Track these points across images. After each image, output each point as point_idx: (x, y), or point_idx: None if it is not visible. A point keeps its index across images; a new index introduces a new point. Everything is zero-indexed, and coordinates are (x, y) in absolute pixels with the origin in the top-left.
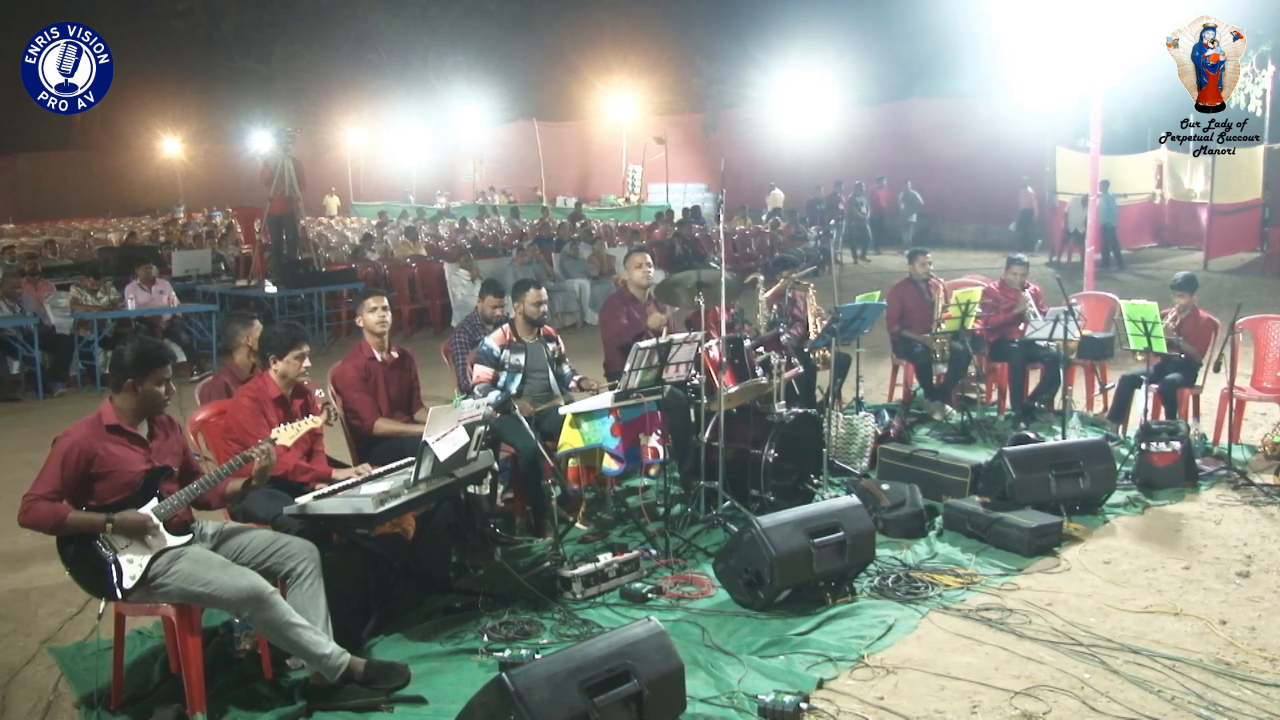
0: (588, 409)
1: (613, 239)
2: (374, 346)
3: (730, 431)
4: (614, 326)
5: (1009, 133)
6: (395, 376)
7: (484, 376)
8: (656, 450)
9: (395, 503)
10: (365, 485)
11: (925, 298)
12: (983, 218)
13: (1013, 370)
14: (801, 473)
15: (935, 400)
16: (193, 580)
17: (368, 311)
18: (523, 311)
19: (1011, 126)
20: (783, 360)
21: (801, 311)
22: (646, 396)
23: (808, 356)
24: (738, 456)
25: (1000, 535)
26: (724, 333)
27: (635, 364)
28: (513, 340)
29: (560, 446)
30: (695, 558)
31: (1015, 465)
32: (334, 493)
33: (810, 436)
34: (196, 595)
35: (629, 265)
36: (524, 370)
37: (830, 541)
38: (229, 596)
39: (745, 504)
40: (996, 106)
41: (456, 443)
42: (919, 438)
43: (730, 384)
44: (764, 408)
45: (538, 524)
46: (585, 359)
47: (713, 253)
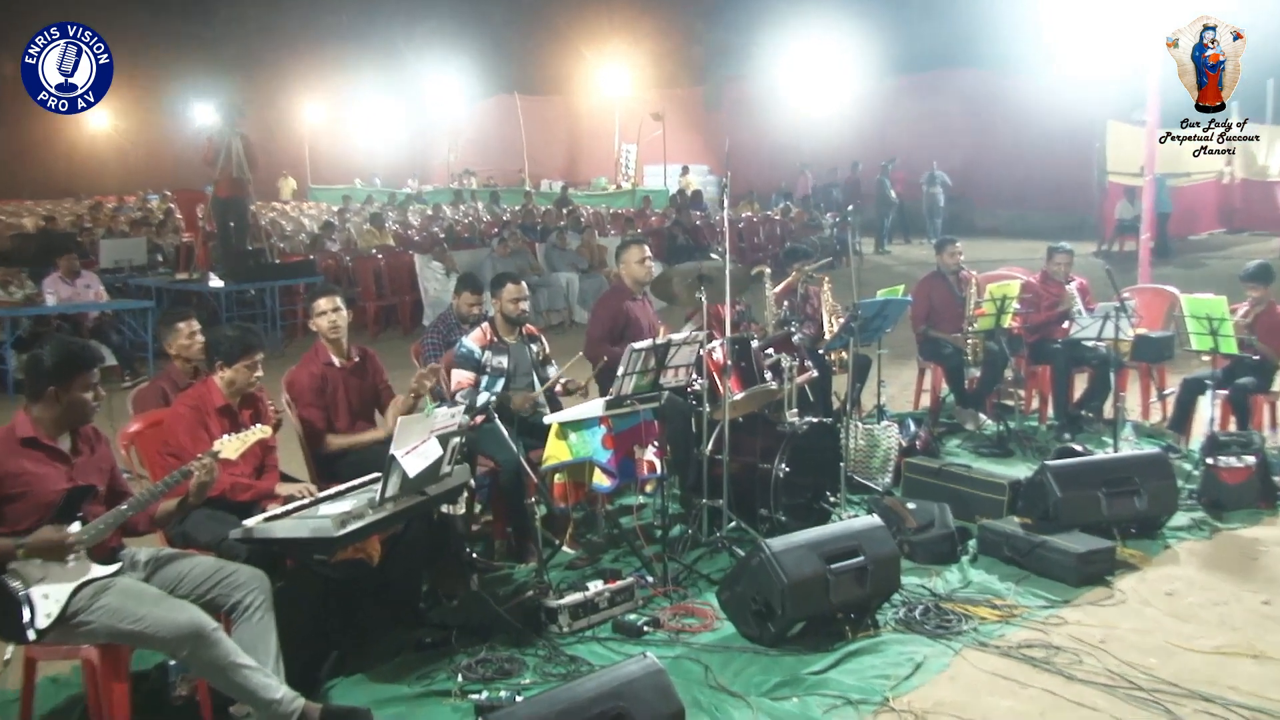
0: (576, 418)
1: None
2: (331, 351)
3: (736, 443)
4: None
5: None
6: (356, 383)
7: (466, 381)
8: (653, 464)
9: (359, 524)
10: (325, 505)
11: (955, 292)
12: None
13: (1056, 374)
14: (816, 490)
15: (968, 408)
16: (121, 616)
17: (318, 315)
18: (501, 308)
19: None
20: (795, 363)
21: (815, 309)
22: (642, 404)
23: (823, 359)
24: (744, 471)
25: (1044, 561)
26: (729, 332)
27: (629, 367)
28: (493, 340)
29: (545, 460)
30: (697, 586)
31: (1060, 482)
32: (288, 513)
33: (826, 449)
34: (126, 634)
35: (626, 259)
36: (507, 374)
37: (849, 567)
38: (164, 634)
39: (753, 525)
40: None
41: (428, 456)
42: (949, 450)
43: (736, 390)
44: (774, 416)
45: (520, 548)
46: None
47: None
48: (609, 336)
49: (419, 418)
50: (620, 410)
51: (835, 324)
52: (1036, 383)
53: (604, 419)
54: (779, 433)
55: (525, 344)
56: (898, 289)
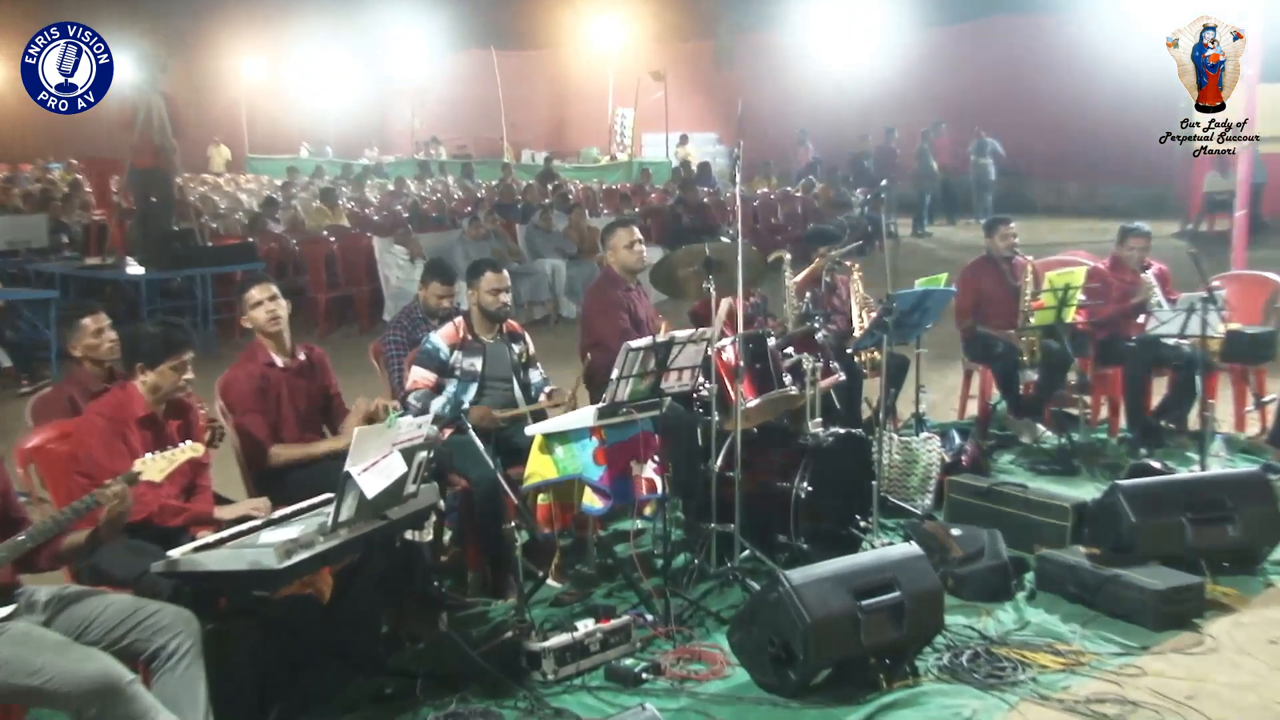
0: (563, 429)
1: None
2: (271, 349)
3: (750, 458)
4: (603, 323)
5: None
6: (303, 386)
7: (422, 381)
8: (653, 483)
9: (307, 554)
10: (266, 532)
11: (1009, 281)
12: (1088, 174)
13: (1130, 377)
14: (844, 513)
15: (1023, 418)
16: (14, 669)
17: (252, 307)
18: (478, 301)
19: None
20: (818, 365)
21: (843, 301)
22: (640, 412)
23: (851, 360)
24: (760, 491)
25: (1116, 600)
26: (741, 329)
27: (625, 370)
28: (467, 339)
29: (527, 478)
30: (705, 625)
31: (1135, 505)
32: (222, 542)
33: (855, 465)
34: (19, 690)
35: (613, 243)
36: (481, 378)
37: (883, 604)
38: (67, 689)
39: (770, 554)
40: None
41: (390, 474)
42: (1001, 467)
43: (750, 396)
44: (794, 427)
45: (497, 581)
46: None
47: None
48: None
49: (379, 429)
50: (614, 420)
51: (866, 319)
52: (1106, 388)
53: (595, 430)
54: (800, 446)
55: (505, 343)
56: (940, 278)
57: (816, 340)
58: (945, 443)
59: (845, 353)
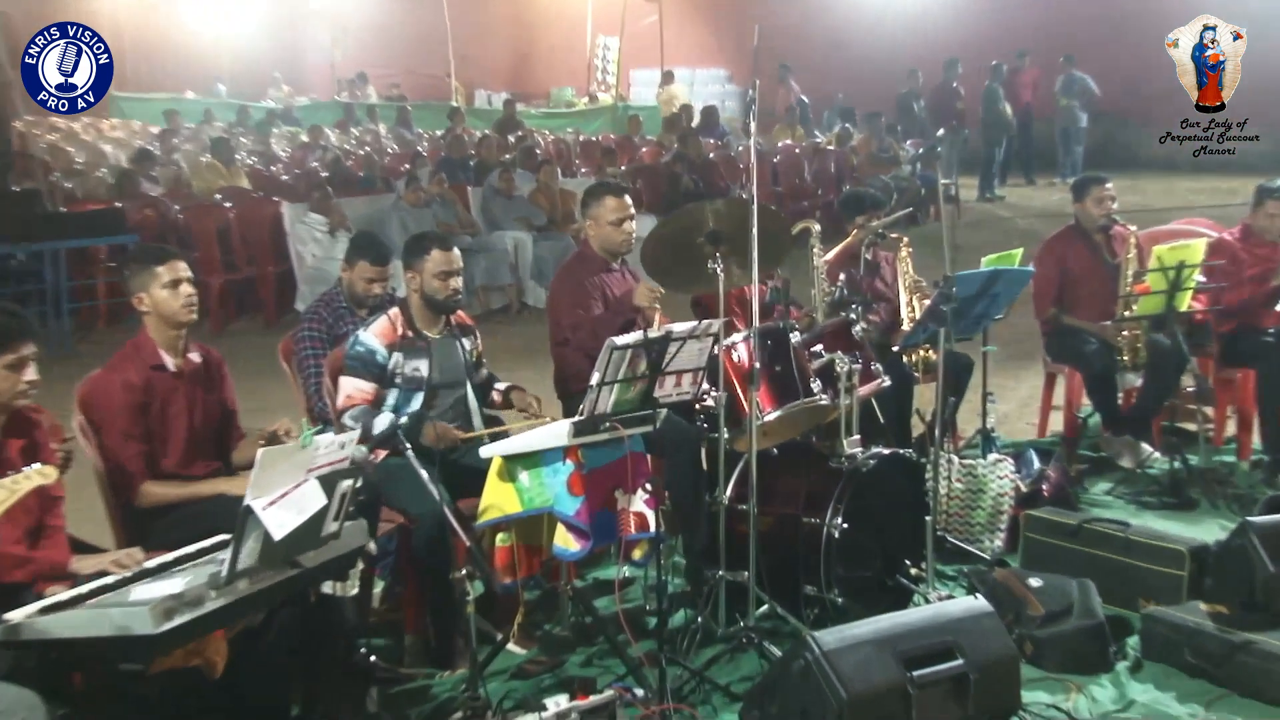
0: (528, 449)
1: (570, 163)
2: (162, 346)
3: (769, 487)
4: (575, 313)
5: None
6: (198, 398)
7: (359, 395)
8: (644, 518)
9: (193, 615)
10: (140, 586)
11: (1104, 259)
12: None
13: (1266, 383)
14: (889, 558)
15: (1123, 435)
16: None
17: (160, 288)
18: (420, 287)
19: None
20: (856, 366)
21: (888, 284)
22: (627, 428)
23: (899, 360)
24: (781, 529)
25: (1249, 673)
26: (757, 321)
27: (609, 373)
28: (406, 336)
29: (482, 513)
30: (711, 703)
31: (1273, 549)
32: (80, 600)
33: (904, 496)
34: None
35: (596, 214)
36: (428, 385)
37: (941, 676)
38: None
39: (795, 610)
40: None
41: (304, 509)
42: (1095, 499)
43: (768, 407)
44: (824, 447)
45: (443, 647)
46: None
47: (739, 186)
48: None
49: (289, 450)
50: (595, 438)
51: (918, 308)
52: (1233, 395)
53: (571, 451)
54: (833, 472)
55: (454, 339)
56: (1014, 254)
57: (854, 335)
58: (1021, 467)
59: (891, 351)
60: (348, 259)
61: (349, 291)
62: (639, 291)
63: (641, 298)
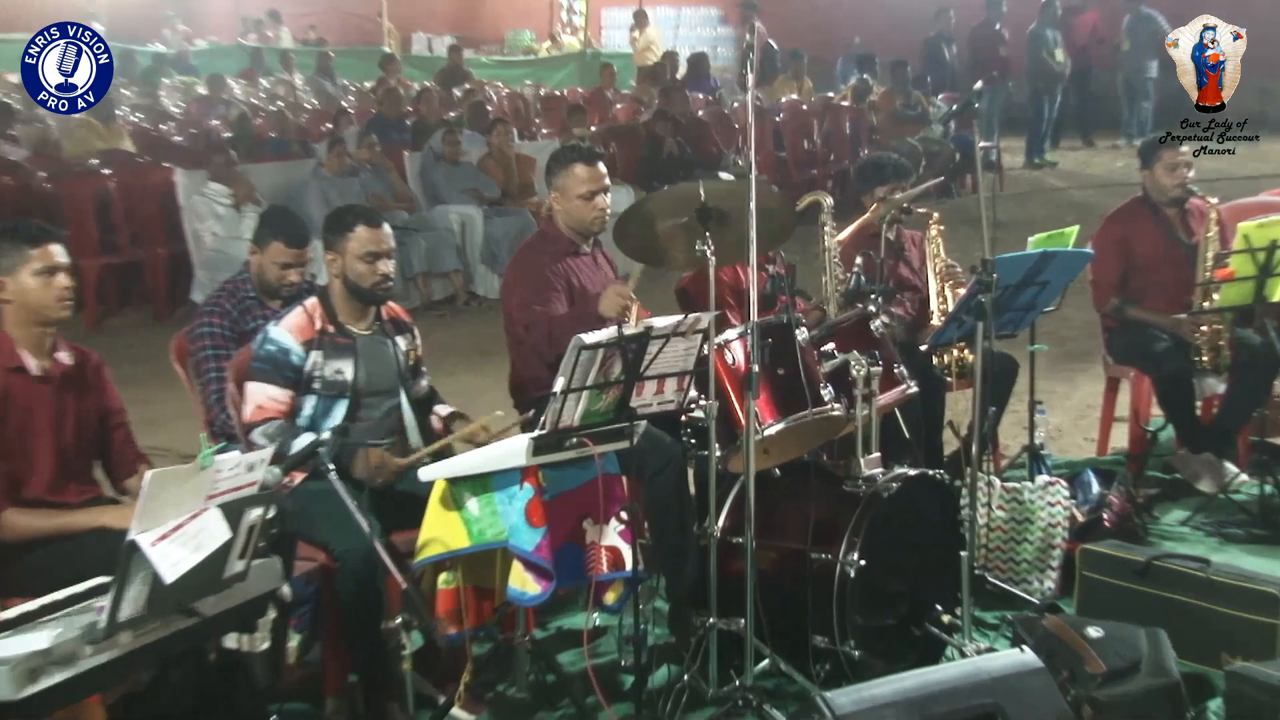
0: (477, 471)
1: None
2: (23, 345)
3: (771, 516)
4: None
5: None
6: (70, 408)
7: (271, 406)
8: (618, 554)
9: (63, 676)
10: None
11: (1178, 238)
12: None
13: None
14: (916, 601)
15: (1202, 452)
16: None
17: (31, 275)
18: (343, 272)
19: None
20: (875, 369)
21: (915, 270)
22: (599, 444)
23: (928, 362)
24: (786, 567)
25: None
26: (755, 314)
27: (577, 378)
28: (326, 331)
29: (421, 549)
30: None
31: None
32: None
33: (934, 527)
34: None
35: (564, 185)
36: (353, 391)
37: None
38: None
39: (802, 666)
40: None
41: (202, 545)
42: (1167, 530)
43: (769, 419)
44: (838, 466)
45: (374, 713)
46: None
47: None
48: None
49: (183, 471)
50: (559, 457)
51: (950, 298)
52: None
53: (529, 473)
54: (847, 497)
55: (386, 338)
56: (1068, 233)
57: (873, 332)
58: (1076, 492)
59: (918, 351)
60: (257, 239)
61: (258, 279)
62: (605, 298)
63: (609, 306)
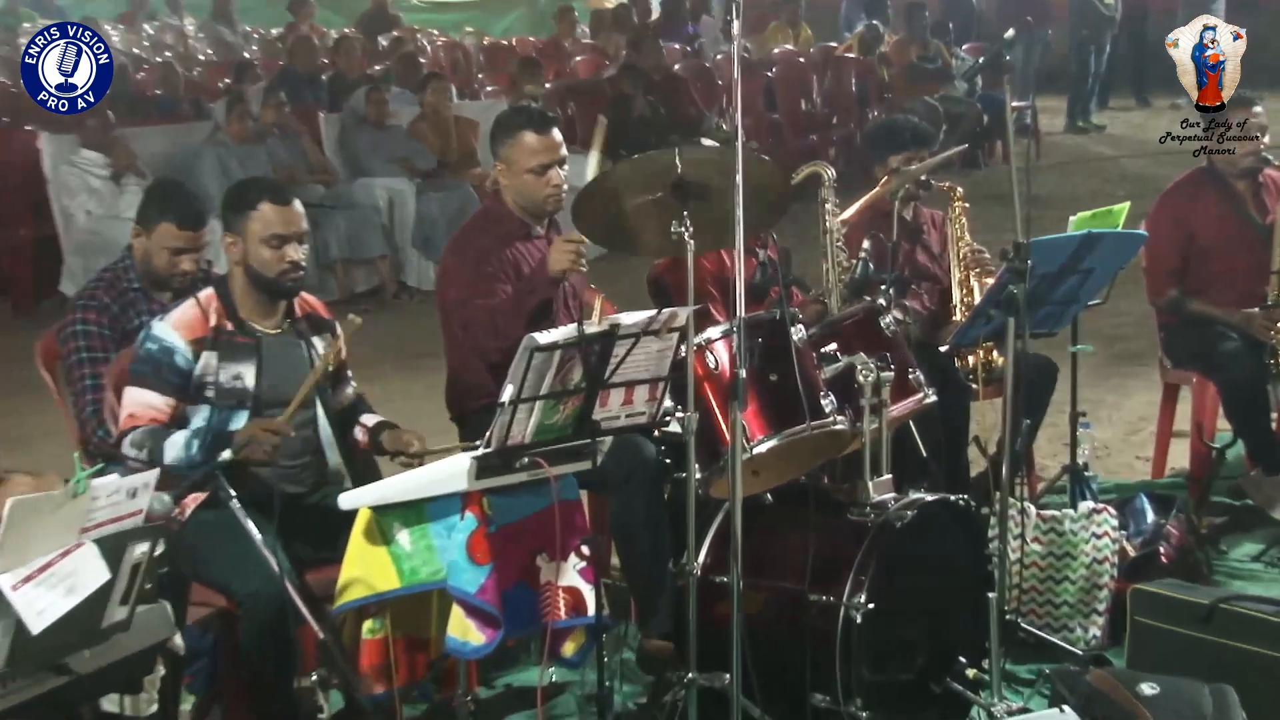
0: (410, 496)
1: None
2: None
3: (761, 550)
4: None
5: None
6: None
7: (144, 415)
8: (578, 597)
9: None
10: None
11: (1249, 217)
12: None
13: None
14: (935, 652)
15: (1275, 473)
16: None
17: None
18: (244, 259)
19: None
20: (887, 374)
21: (936, 255)
22: (555, 465)
23: (950, 365)
24: (779, 611)
25: None
26: (741, 309)
27: (528, 385)
28: (223, 330)
29: (341, 592)
30: None
31: None
32: None
33: (957, 564)
34: None
35: (510, 156)
36: (255, 400)
37: None
38: None
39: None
40: None
41: (77, 587)
42: (1236, 567)
43: (759, 434)
44: (842, 491)
45: None
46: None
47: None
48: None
49: (52, 499)
50: (508, 480)
51: (977, 289)
52: None
53: (472, 499)
54: (853, 527)
55: (299, 338)
56: (1118, 210)
57: (884, 330)
58: (1128, 521)
59: (938, 353)
60: (141, 219)
61: (143, 267)
62: (553, 251)
63: (558, 260)
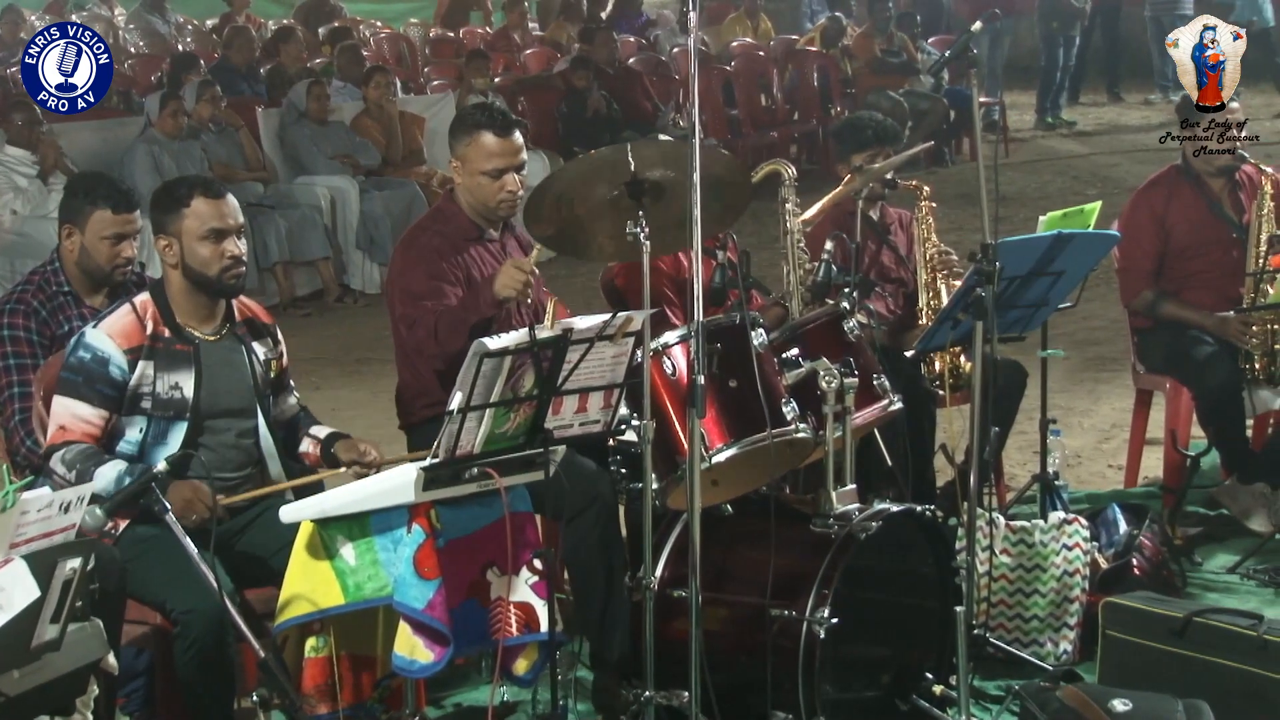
0: (353, 508)
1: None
2: None
3: (720, 563)
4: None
5: None
6: None
7: (76, 428)
8: (530, 612)
9: None
10: None
11: (1225, 216)
12: None
13: None
14: (902, 668)
15: (1252, 482)
16: None
17: None
18: (180, 260)
19: None
20: (850, 380)
21: (902, 257)
22: (506, 476)
23: (916, 371)
24: (739, 627)
25: None
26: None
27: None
28: (160, 337)
29: (283, 608)
30: None
31: None
32: None
33: (922, 577)
34: None
35: (467, 155)
36: (193, 412)
37: None
38: None
39: None
40: None
41: (4, 605)
42: (1210, 579)
43: (717, 442)
44: (803, 502)
45: None
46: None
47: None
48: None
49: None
50: (456, 491)
51: (944, 291)
52: None
53: (419, 511)
54: (816, 539)
55: (238, 344)
56: (1089, 210)
57: (847, 334)
58: (1100, 532)
59: (904, 358)
60: (69, 214)
61: (77, 268)
62: (501, 275)
63: (505, 284)
